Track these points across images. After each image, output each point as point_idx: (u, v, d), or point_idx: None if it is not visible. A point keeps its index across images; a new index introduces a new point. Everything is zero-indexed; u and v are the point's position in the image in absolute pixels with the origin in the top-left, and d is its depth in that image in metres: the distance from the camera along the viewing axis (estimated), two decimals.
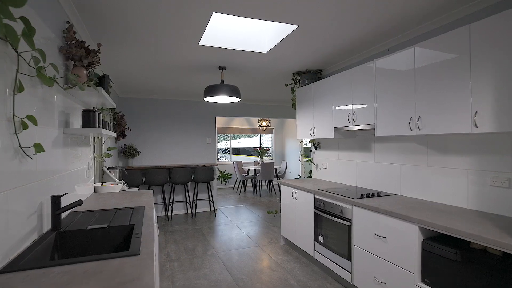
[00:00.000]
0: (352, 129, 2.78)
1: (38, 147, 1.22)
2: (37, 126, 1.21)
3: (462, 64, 1.74)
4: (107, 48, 2.81)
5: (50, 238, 1.33)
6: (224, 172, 8.67)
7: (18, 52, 1.10)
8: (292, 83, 3.98)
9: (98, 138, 3.01)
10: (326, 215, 2.71)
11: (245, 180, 8.06)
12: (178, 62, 3.29)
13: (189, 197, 5.42)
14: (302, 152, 7.09)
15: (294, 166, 8.65)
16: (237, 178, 8.64)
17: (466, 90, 1.72)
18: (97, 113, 1.93)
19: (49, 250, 1.29)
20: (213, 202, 5.49)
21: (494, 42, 1.56)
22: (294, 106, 3.91)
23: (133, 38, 2.57)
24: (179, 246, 3.66)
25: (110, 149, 2.65)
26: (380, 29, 2.39)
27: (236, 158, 9.78)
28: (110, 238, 1.49)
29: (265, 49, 2.92)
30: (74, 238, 1.43)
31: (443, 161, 2.19)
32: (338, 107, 2.95)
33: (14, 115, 1.08)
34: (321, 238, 2.81)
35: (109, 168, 3.30)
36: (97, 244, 1.47)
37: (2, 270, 0.97)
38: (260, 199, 6.84)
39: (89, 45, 1.98)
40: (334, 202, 2.61)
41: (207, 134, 5.80)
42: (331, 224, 2.66)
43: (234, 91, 3.41)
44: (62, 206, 1.46)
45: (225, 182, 8.77)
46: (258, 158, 8.88)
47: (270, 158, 9.56)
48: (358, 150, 3.12)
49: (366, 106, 2.55)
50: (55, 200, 1.41)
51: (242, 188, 8.36)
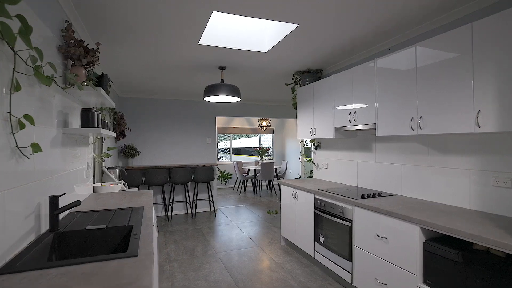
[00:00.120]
0: (352, 129, 2.76)
1: (36, 147, 1.21)
2: (34, 125, 1.20)
3: (464, 63, 1.72)
4: (107, 47, 2.80)
5: (48, 239, 1.31)
6: (224, 172, 8.66)
7: (14, 50, 1.08)
8: (292, 83, 3.96)
9: (98, 138, 3.00)
10: (327, 216, 2.69)
11: (245, 180, 8.05)
12: (178, 61, 3.28)
13: (189, 197, 5.41)
14: (303, 152, 7.08)
15: (294, 166, 8.64)
16: (237, 178, 8.63)
17: (468, 89, 1.70)
18: (96, 112, 1.92)
19: (46, 251, 1.27)
20: (213, 202, 5.48)
21: (497, 40, 1.55)
22: (295, 105, 3.89)
23: (133, 37, 2.56)
24: (179, 247, 3.65)
25: (109, 149, 2.63)
26: (380, 28, 2.38)
27: (236, 158, 9.77)
28: (108, 238, 1.47)
29: (265, 48, 2.90)
30: (72, 238, 1.41)
31: (445, 161, 2.18)
32: (338, 107, 2.94)
33: (10, 115, 1.07)
34: (321, 239, 2.80)
35: (108, 168, 3.29)
36: (95, 245, 1.45)
37: None
38: (260, 199, 6.83)
39: (87, 44, 1.97)
40: (335, 202, 2.60)
41: (207, 134, 5.79)
42: (332, 224, 2.64)
43: (234, 91, 3.40)
44: (60, 207, 1.45)
45: (225, 182, 8.75)
46: (258, 158, 8.86)
47: (270, 158, 9.55)
48: (358, 150, 3.11)
49: (367, 105, 2.53)
50: (53, 200, 1.40)
51: (242, 188, 8.34)
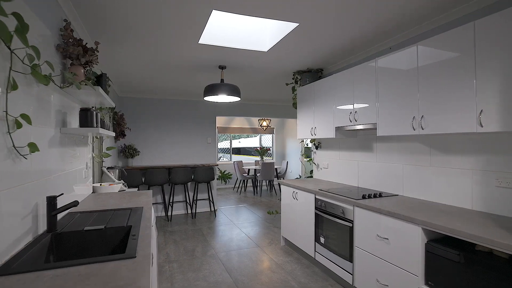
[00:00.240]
0: (353, 128, 2.74)
1: (33, 147, 1.19)
2: (31, 125, 1.18)
3: (466, 62, 1.70)
4: (107, 47, 2.79)
5: (45, 240, 1.30)
6: (224, 172, 8.64)
7: (11, 49, 1.07)
8: (292, 82, 3.94)
9: (97, 137, 2.98)
10: (327, 216, 2.67)
11: (245, 180, 8.03)
12: (178, 61, 3.26)
13: (189, 197, 5.39)
14: (303, 152, 7.06)
15: (294, 166, 8.61)
16: (237, 178, 8.62)
17: (471, 88, 1.68)
18: (95, 112, 1.90)
19: (44, 252, 1.26)
20: (213, 202, 5.46)
21: (500, 39, 1.53)
22: (295, 105, 3.87)
23: (132, 37, 2.55)
24: (179, 247, 3.63)
25: (109, 148, 2.62)
26: (381, 27, 2.36)
27: (236, 158, 9.75)
28: (107, 239, 1.46)
29: (265, 47, 2.88)
30: (70, 239, 1.40)
31: (447, 161, 2.16)
32: (339, 107, 2.92)
33: (7, 114, 1.05)
34: (322, 239, 2.78)
35: (108, 168, 3.27)
36: (93, 246, 1.44)
37: None
38: (260, 199, 6.81)
39: (86, 43, 1.95)
40: (336, 202, 2.58)
41: (207, 134, 5.77)
42: (332, 225, 2.62)
43: (234, 91, 3.38)
44: (58, 207, 1.43)
45: (225, 182, 8.74)
46: (258, 158, 8.84)
47: (271, 158, 9.53)
48: (359, 150, 3.09)
49: (368, 105, 2.51)
50: (51, 200, 1.38)
51: (243, 188, 8.32)
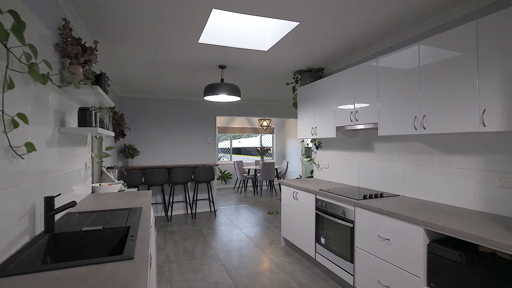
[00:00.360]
0: (354, 128, 2.72)
1: (30, 147, 1.18)
2: (28, 124, 1.17)
3: (469, 61, 1.68)
4: (107, 47, 2.77)
5: (43, 241, 1.28)
6: (224, 172, 8.63)
7: (7, 47, 1.05)
8: (293, 82, 3.92)
9: (96, 137, 2.97)
10: (328, 216, 2.66)
11: (245, 180, 8.02)
12: (178, 60, 3.25)
13: (189, 197, 5.37)
14: (303, 152, 7.04)
15: (295, 166, 8.60)
16: (237, 178, 8.60)
17: (473, 87, 1.66)
18: (93, 112, 1.88)
19: (41, 253, 1.24)
20: (213, 202, 5.45)
21: (503, 37, 1.51)
22: (295, 105, 3.86)
23: (132, 37, 2.53)
24: (178, 247, 3.62)
25: (108, 148, 2.60)
26: (381, 27, 2.34)
27: (236, 158, 9.73)
28: (105, 240, 1.44)
29: (265, 47, 2.87)
30: (67, 240, 1.38)
31: (448, 161, 2.14)
32: (340, 106, 2.90)
33: (3, 113, 1.04)
34: (322, 240, 2.76)
35: (107, 168, 3.26)
36: (92, 246, 1.42)
37: None
38: (260, 199, 6.80)
39: (85, 42, 1.94)
40: (336, 203, 2.56)
41: (208, 134, 5.76)
42: (333, 225, 2.60)
43: (234, 90, 3.36)
44: (55, 207, 1.42)
45: (225, 182, 8.72)
46: (259, 158, 8.83)
47: (271, 158, 9.51)
48: (360, 150, 3.07)
49: (369, 105, 2.50)
50: (49, 201, 1.37)
51: (243, 188, 8.31)
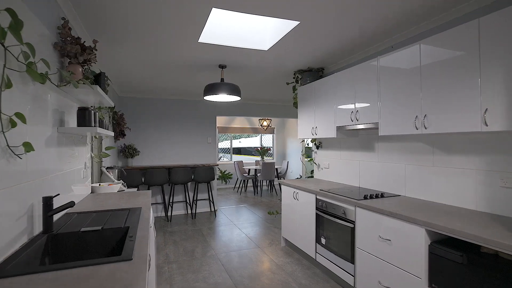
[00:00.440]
0: (355, 128, 2.71)
1: (28, 146, 1.17)
2: (26, 124, 1.16)
3: (471, 60, 1.67)
4: (107, 47, 2.76)
5: (41, 241, 1.27)
6: (224, 172, 8.62)
7: (5, 46, 1.04)
8: (293, 82, 3.91)
9: (96, 137, 2.96)
10: (328, 217, 2.64)
11: (246, 180, 8.00)
12: (178, 60, 3.24)
13: (189, 197, 5.36)
14: (304, 151, 7.02)
15: (295, 166, 8.58)
16: (237, 178, 8.59)
17: (475, 87, 1.65)
18: (93, 111, 1.87)
19: (39, 253, 1.23)
20: (213, 203, 5.44)
21: (505, 36, 1.49)
22: (296, 105, 3.84)
23: (132, 36, 2.52)
24: (178, 247, 3.60)
25: (107, 148, 2.59)
26: (382, 26, 2.32)
27: (237, 158, 9.72)
28: (104, 241, 1.43)
29: (266, 46, 2.85)
30: (66, 241, 1.37)
31: (450, 161, 2.13)
32: (340, 106, 2.89)
33: (1, 113, 1.02)
34: (323, 240, 2.75)
35: (107, 168, 3.25)
36: (90, 247, 1.41)
37: None
38: (261, 200, 6.78)
39: (84, 41, 1.93)
40: (337, 203, 2.55)
41: (208, 134, 5.75)
42: (334, 225, 2.59)
43: (234, 90, 3.35)
44: (54, 208, 1.41)
45: (225, 182, 8.71)
46: (259, 158, 8.81)
47: (271, 158, 9.50)
48: (360, 150, 3.06)
49: (369, 104, 2.48)
50: (47, 201, 1.35)
51: (243, 188, 8.30)
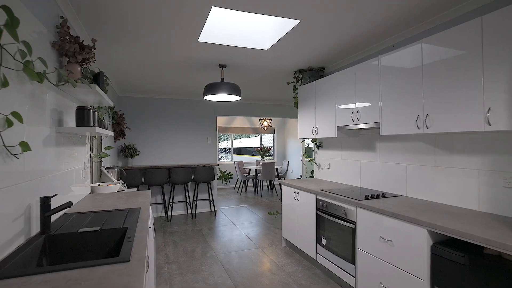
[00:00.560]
0: (355, 128, 2.69)
1: (24, 146, 1.15)
2: (22, 123, 1.14)
3: (474, 59, 1.65)
4: (106, 46, 2.75)
5: (38, 242, 1.26)
6: (225, 172, 8.60)
7: (1, 44, 1.03)
8: (293, 81, 3.89)
9: (95, 137, 2.94)
10: (329, 217, 2.62)
11: (246, 180, 7.99)
12: (178, 60, 3.22)
13: (189, 197, 5.35)
14: (304, 151, 7.00)
15: (295, 166, 8.56)
16: (238, 178, 8.57)
17: (478, 86, 1.63)
18: (91, 111, 1.86)
19: (36, 255, 1.21)
20: (213, 203, 5.42)
21: (509, 34, 1.47)
22: (296, 104, 3.82)
23: (132, 36, 2.50)
24: (178, 248, 3.59)
25: (107, 148, 2.57)
26: (382, 26, 2.30)
27: (237, 158, 9.70)
28: (102, 242, 1.41)
29: (266, 46, 2.84)
30: (64, 241, 1.35)
31: (452, 160, 2.11)
32: (341, 106, 2.87)
33: None
34: (323, 241, 2.73)
35: (107, 168, 3.24)
36: (88, 248, 1.39)
37: None
38: (261, 200, 6.77)
39: (83, 40, 1.91)
40: (337, 203, 2.53)
41: (208, 134, 5.73)
42: (334, 226, 2.57)
43: (234, 89, 3.34)
44: (52, 208, 1.39)
45: (226, 182, 8.69)
46: (259, 158, 8.80)
47: (272, 158, 9.48)
48: (361, 150, 3.04)
49: (370, 104, 2.46)
50: (44, 201, 1.34)
51: (243, 188, 8.28)
